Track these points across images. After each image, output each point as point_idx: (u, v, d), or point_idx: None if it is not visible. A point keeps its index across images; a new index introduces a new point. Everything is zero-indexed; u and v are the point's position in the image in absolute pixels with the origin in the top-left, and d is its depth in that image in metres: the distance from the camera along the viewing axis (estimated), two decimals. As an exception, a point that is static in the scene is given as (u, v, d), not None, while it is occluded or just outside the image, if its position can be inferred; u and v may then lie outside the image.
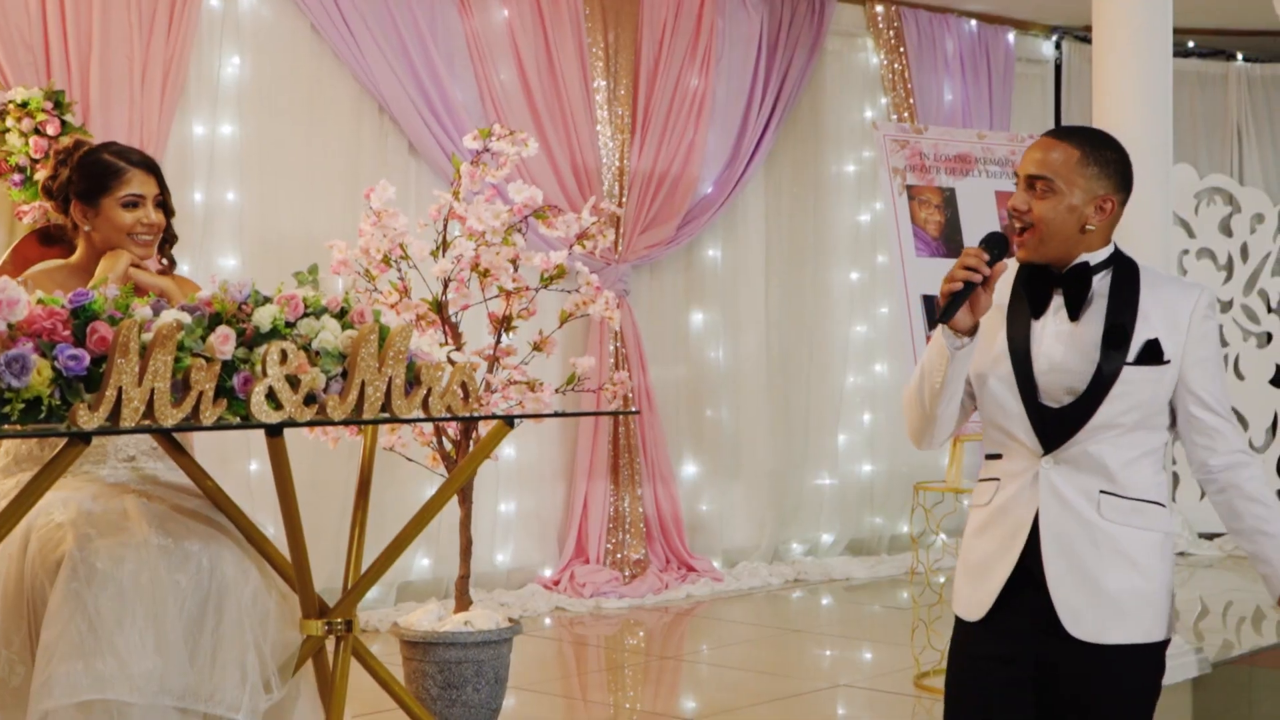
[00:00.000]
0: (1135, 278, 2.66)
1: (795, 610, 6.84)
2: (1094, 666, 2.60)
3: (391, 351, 2.92)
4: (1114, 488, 2.61)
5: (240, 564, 3.15)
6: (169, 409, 2.65)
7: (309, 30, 6.12)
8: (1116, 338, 2.61)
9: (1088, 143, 2.66)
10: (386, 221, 4.21)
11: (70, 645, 2.92)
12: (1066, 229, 2.62)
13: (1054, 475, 2.64)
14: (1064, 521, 2.62)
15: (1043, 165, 2.63)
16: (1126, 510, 2.61)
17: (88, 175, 3.36)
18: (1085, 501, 2.62)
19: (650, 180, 7.00)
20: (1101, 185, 2.63)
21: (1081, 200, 2.62)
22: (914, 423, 2.76)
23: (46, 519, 3.07)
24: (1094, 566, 2.60)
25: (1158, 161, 5.00)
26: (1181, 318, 2.64)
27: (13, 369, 2.52)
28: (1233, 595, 7.09)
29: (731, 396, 7.51)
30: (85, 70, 5.39)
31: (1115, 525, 2.61)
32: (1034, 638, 2.63)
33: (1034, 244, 2.64)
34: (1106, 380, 2.60)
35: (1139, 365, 2.60)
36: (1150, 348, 2.61)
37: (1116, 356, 2.61)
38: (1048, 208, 2.62)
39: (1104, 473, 2.62)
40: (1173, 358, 2.62)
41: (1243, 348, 8.62)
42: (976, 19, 8.23)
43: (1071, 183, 2.62)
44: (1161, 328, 2.63)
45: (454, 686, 4.28)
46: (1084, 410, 2.61)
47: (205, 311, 2.81)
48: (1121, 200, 2.67)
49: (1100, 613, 2.59)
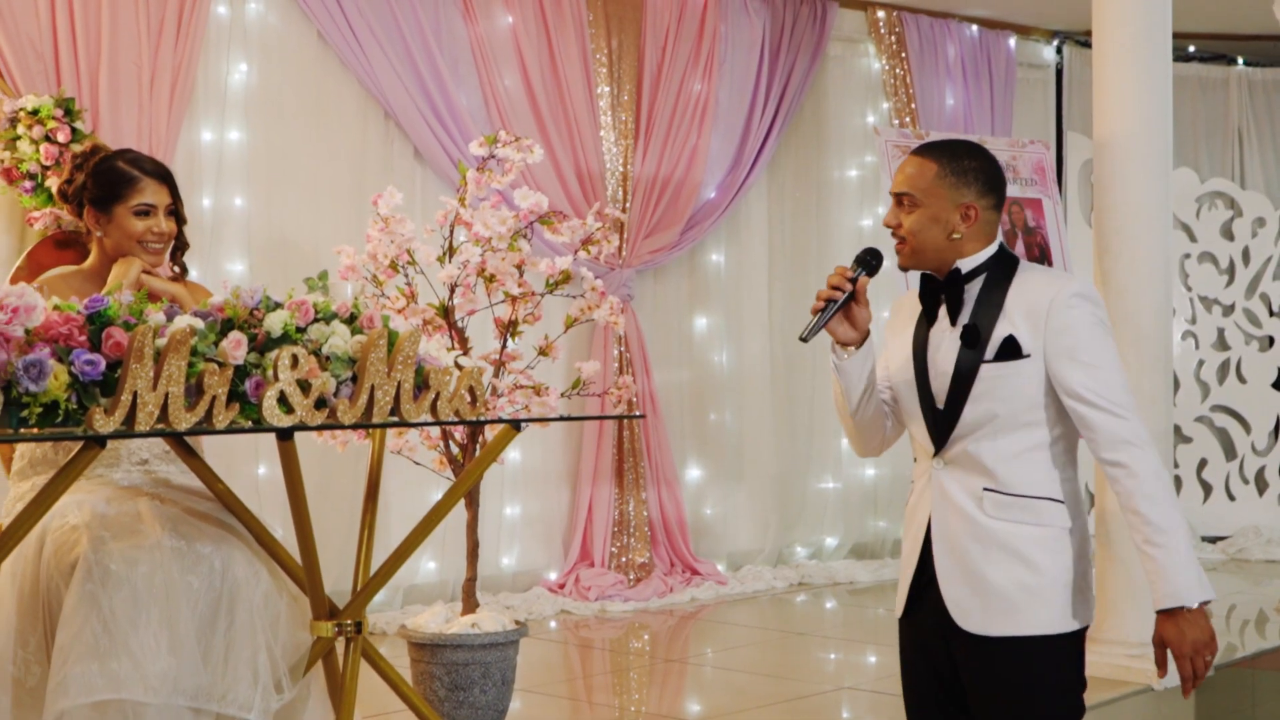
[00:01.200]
0: (1008, 278, 2.73)
1: (799, 613, 6.85)
2: (986, 659, 2.69)
3: (400, 356, 2.96)
4: (997, 485, 2.68)
5: (251, 566, 3.20)
6: (183, 413, 2.70)
7: (315, 37, 6.14)
8: (971, 338, 2.69)
9: (946, 155, 2.76)
10: (394, 227, 4.25)
11: (85, 646, 2.96)
12: (935, 238, 2.74)
13: (943, 476, 2.74)
14: (951, 520, 2.72)
15: (906, 182, 2.76)
16: (1012, 506, 2.67)
17: (102, 183, 3.42)
18: (969, 500, 2.70)
19: (654, 185, 7.02)
20: (963, 194, 2.73)
21: (945, 210, 2.73)
22: (846, 432, 2.91)
23: (61, 522, 3.12)
24: (979, 562, 2.68)
25: (1157, 165, 5.03)
26: (1040, 311, 2.68)
27: (31, 374, 2.57)
28: (1236, 599, 7.07)
29: (735, 400, 7.52)
30: (95, 77, 5.42)
31: (999, 521, 2.67)
32: (939, 633, 2.75)
33: (908, 254, 2.77)
34: (966, 379, 2.69)
35: (998, 362, 2.67)
36: (1008, 344, 2.67)
37: (972, 356, 2.69)
38: (914, 220, 2.75)
39: (985, 471, 2.69)
40: (1032, 352, 2.66)
41: (1244, 351, 8.62)
42: (978, 24, 8.24)
43: (933, 195, 2.73)
44: (1021, 323, 2.68)
45: (461, 688, 4.32)
46: (952, 410, 2.70)
47: (218, 317, 2.85)
48: (986, 205, 2.75)
49: (986, 606, 2.67)
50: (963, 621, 2.70)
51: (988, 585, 2.68)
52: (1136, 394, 4.78)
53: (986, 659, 2.70)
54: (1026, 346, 2.67)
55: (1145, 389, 4.96)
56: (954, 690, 2.79)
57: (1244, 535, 8.34)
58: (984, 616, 2.69)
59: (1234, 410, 8.63)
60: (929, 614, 2.76)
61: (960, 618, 2.70)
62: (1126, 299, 4.98)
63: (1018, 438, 2.69)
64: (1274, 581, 7.31)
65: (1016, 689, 2.69)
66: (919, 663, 2.82)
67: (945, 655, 2.77)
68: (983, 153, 2.81)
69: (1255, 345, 8.62)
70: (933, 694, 2.82)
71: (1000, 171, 2.82)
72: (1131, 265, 4.98)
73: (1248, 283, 8.60)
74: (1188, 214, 8.64)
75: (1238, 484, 8.59)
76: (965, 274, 2.75)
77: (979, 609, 2.69)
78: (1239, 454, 8.60)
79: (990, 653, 2.69)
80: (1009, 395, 2.68)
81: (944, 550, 2.73)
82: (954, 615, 2.71)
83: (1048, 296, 2.68)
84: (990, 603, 2.68)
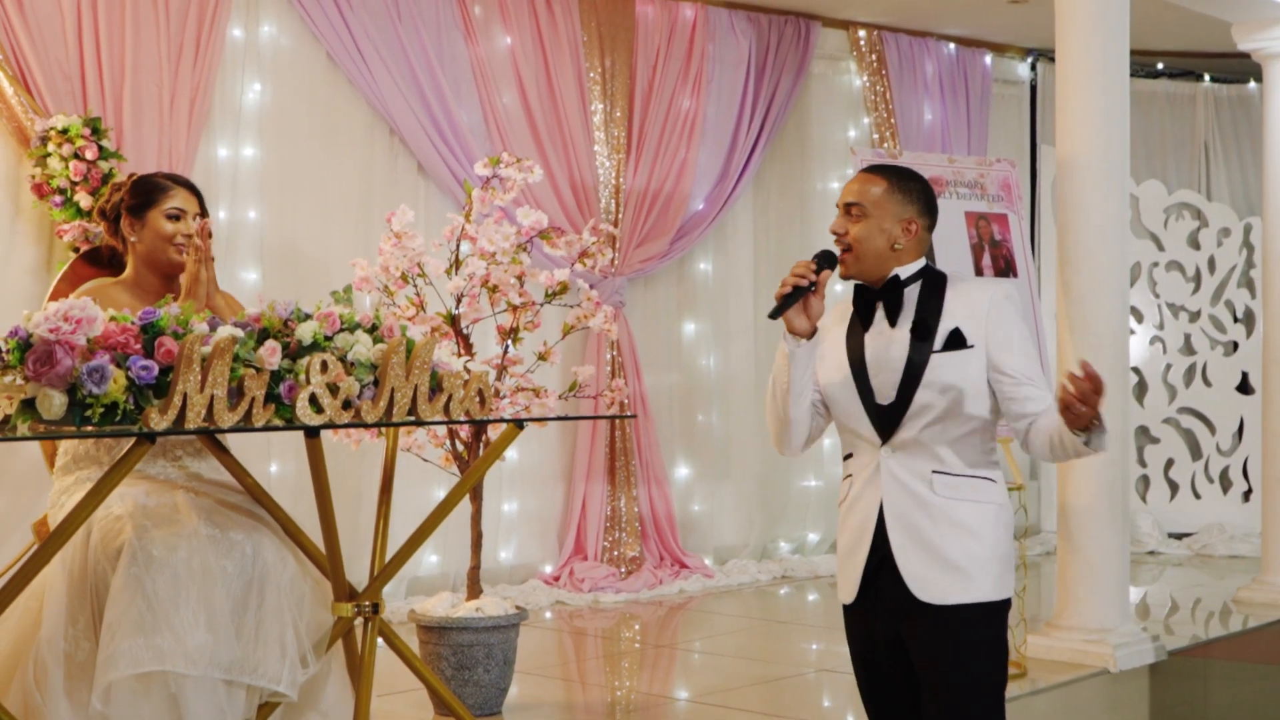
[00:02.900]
0: (942, 284, 3.03)
1: (782, 604, 7.02)
2: (943, 627, 2.93)
3: (417, 362, 3.22)
4: (944, 466, 2.95)
5: (279, 552, 3.41)
6: (226, 413, 2.97)
7: (325, 58, 6.35)
8: (922, 331, 2.97)
9: (894, 176, 3.06)
10: (406, 242, 4.54)
11: (132, 623, 3.17)
12: (878, 247, 3.00)
13: (892, 463, 2.98)
14: (903, 502, 2.95)
15: (857, 194, 3.03)
16: (959, 485, 2.95)
17: (138, 192, 3.69)
18: (920, 482, 2.95)
19: (645, 198, 7.21)
20: (906, 210, 3.02)
21: (889, 222, 3.00)
22: (773, 427, 3.11)
23: (106, 512, 3.33)
24: (933, 537, 2.93)
25: (1116, 182, 5.27)
26: (980, 308, 2.97)
27: (94, 378, 2.86)
28: (1200, 591, 7.29)
29: (722, 402, 7.70)
30: (119, 98, 5.65)
31: (948, 500, 2.94)
32: (893, 614, 2.97)
33: (852, 261, 3.02)
34: (918, 369, 2.96)
35: (946, 352, 2.95)
36: (954, 335, 2.96)
37: (924, 348, 2.97)
38: (861, 229, 3.01)
39: (933, 454, 2.95)
40: (976, 342, 2.95)
41: (1210, 356, 8.85)
42: (955, 42, 8.44)
43: (880, 207, 3.00)
44: (964, 319, 2.97)
45: (466, 668, 4.59)
46: (904, 398, 2.96)
47: (255, 327, 3.11)
48: (924, 225, 3.04)
49: (943, 577, 2.92)
50: (921, 593, 2.92)
51: (944, 558, 2.91)
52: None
53: (940, 627, 2.92)
54: (970, 338, 2.95)
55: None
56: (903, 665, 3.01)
57: (1208, 532, 8.59)
58: (941, 587, 2.92)
59: (1200, 412, 8.88)
60: (885, 593, 2.97)
61: (919, 590, 2.92)
62: (1085, 307, 5.25)
63: (959, 422, 2.95)
64: (1237, 576, 7.51)
65: (965, 652, 2.92)
66: (873, 646, 3.03)
67: (895, 633, 2.98)
68: (922, 179, 3.09)
69: (1220, 350, 8.87)
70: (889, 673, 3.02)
71: (935, 197, 3.10)
72: (1091, 277, 5.25)
73: (1213, 290, 8.86)
74: (1156, 224, 8.87)
75: (1203, 483, 8.83)
76: (904, 280, 3.01)
77: (936, 580, 2.92)
78: (1204, 454, 8.84)
79: (944, 620, 2.92)
80: (955, 382, 2.94)
81: (899, 530, 2.95)
82: (912, 588, 2.92)
83: (986, 297, 2.99)
84: (946, 574, 2.91)
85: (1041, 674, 5.14)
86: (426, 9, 6.60)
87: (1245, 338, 8.79)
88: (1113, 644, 5.23)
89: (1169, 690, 5.52)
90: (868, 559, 3.00)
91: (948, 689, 2.94)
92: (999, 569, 2.95)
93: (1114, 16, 5.31)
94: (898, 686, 3.04)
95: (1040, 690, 5.01)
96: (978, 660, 2.95)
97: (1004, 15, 7.92)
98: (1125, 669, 5.24)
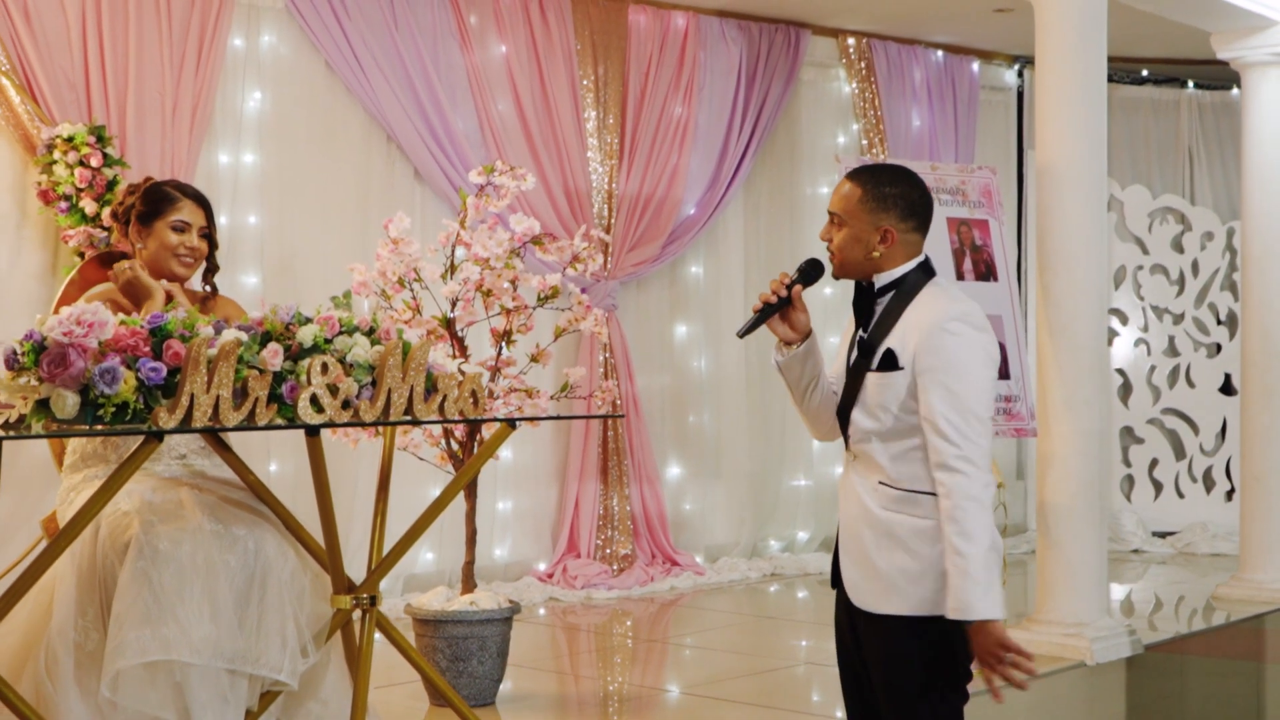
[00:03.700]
0: (912, 295, 2.92)
1: (772, 601, 7.13)
2: (875, 634, 2.94)
3: (413, 364, 3.33)
4: (887, 479, 2.91)
5: (280, 546, 3.51)
6: (231, 412, 3.08)
7: (323, 67, 6.47)
8: (864, 348, 2.94)
9: (871, 181, 2.95)
10: (402, 248, 4.67)
11: (139, 614, 3.28)
12: (856, 255, 2.94)
13: (850, 470, 3.01)
14: (852, 509, 2.97)
15: (836, 203, 2.97)
16: (898, 499, 2.90)
17: (148, 201, 3.82)
18: (867, 492, 2.94)
19: (637, 203, 7.32)
20: (882, 219, 2.92)
21: (865, 231, 2.93)
22: (803, 420, 3.15)
23: (114, 508, 3.43)
24: (870, 548, 2.92)
25: (1093, 190, 5.41)
26: (922, 330, 2.85)
27: (105, 379, 2.98)
28: (1183, 589, 7.42)
29: (713, 403, 7.81)
30: (123, 106, 5.77)
31: (888, 513, 2.91)
32: (846, 608, 3.01)
33: (837, 266, 2.99)
34: (855, 385, 2.95)
35: (878, 371, 2.90)
36: (887, 356, 2.89)
37: (863, 364, 2.93)
38: (840, 238, 2.95)
39: (877, 468, 2.93)
40: (905, 365, 2.86)
41: (1194, 357, 8.97)
42: (943, 49, 8.55)
43: (855, 217, 2.94)
44: (902, 339, 2.88)
45: (461, 659, 4.72)
46: (845, 411, 2.98)
47: (258, 330, 3.22)
48: (905, 230, 2.93)
49: (875, 587, 2.91)
50: (856, 599, 2.95)
51: (875, 569, 2.90)
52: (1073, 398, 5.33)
53: (875, 634, 2.94)
54: (901, 359, 2.87)
55: (1081, 393, 5.39)
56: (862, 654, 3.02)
57: (1192, 530, 8.71)
58: (872, 596, 2.91)
59: (1183, 413, 9.00)
60: (841, 590, 3.02)
61: (854, 596, 2.95)
62: (1064, 312, 5.40)
63: (901, 440, 2.89)
64: (1219, 573, 7.62)
65: (894, 662, 2.91)
66: (839, 632, 3.08)
67: (854, 628, 3.01)
68: (906, 179, 2.95)
69: (1204, 352, 8.99)
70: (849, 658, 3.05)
71: (923, 197, 2.96)
72: (1070, 281, 5.39)
73: (1197, 293, 8.98)
74: (1140, 228, 8.99)
75: (1186, 482, 8.95)
76: (877, 289, 2.95)
77: (868, 589, 2.92)
78: (1188, 454, 8.96)
79: (877, 628, 2.93)
80: (888, 402, 2.88)
81: (846, 535, 2.98)
82: (849, 593, 2.96)
83: (932, 317, 2.86)
84: (876, 584, 2.90)
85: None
86: (423, 18, 6.71)
87: (1228, 340, 8.89)
88: (1090, 638, 5.36)
89: (1145, 684, 5.63)
90: (834, 554, 3.06)
91: (886, 692, 2.94)
92: (935, 585, 2.85)
93: (1092, 27, 5.44)
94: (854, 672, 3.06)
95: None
96: (909, 671, 2.91)
97: (991, 24, 8.03)
98: (1102, 662, 5.37)
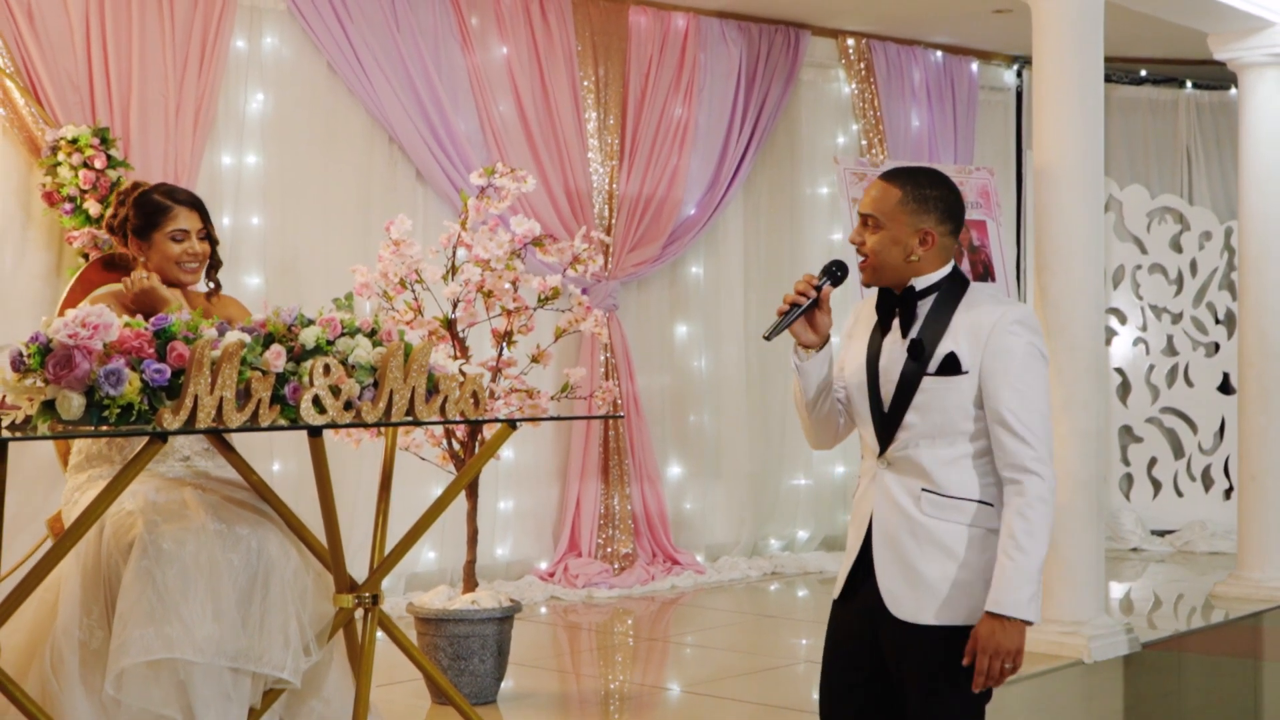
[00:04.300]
0: (957, 299, 2.90)
1: (772, 600, 7.15)
2: (914, 645, 2.85)
3: (415, 365, 3.36)
4: (933, 486, 2.85)
5: (283, 546, 3.55)
6: (234, 413, 3.12)
7: (325, 68, 6.49)
8: (916, 351, 2.87)
9: (911, 183, 2.90)
10: (404, 250, 4.71)
11: (143, 613, 3.31)
12: (894, 259, 2.90)
13: (886, 475, 2.91)
14: (890, 516, 2.88)
15: (871, 205, 2.91)
16: (945, 506, 2.84)
17: (141, 214, 3.82)
18: (908, 498, 2.86)
19: (638, 203, 7.34)
20: (923, 221, 2.89)
21: (905, 234, 2.89)
22: (803, 428, 3.12)
23: (118, 508, 3.47)
24: (913, 555, 2.84)
25: (1090, 191, 5.43)
26: (983, 333, 2.82)
27: (110, 380, 3.01)
28: (1181, 587, 7.44)
29: (713, 403, 7.83)
30: (126, 108, 5.80)
31: (934, 520, 2.84)
32: (871, 620, 2.91)
33: (869, 271, 2.93)
34: (907, 389, 2.87)
35: (939, 375, 2.83)
36: (949, 359, 2.83)
37: (916, 368, 2.86)
38: (876, 241, 2.90)
39: (922, 473, 2.85)
40: (970, 369, 2.81)
41: (1192, 357, 9.00)
42: (942, 50, 8.57)
43: (895, 219, 2.89)
44: (964, 342, 2.83)
45: (462, 658, 4.75)
46: (895, 416, 2.89)
47: (261, 332, 3.26)
48: (944, 233, 2.90)
49: (917, 596, 2.84)
50: (894, 608, 2.85)
51: (919, 577, 2.83)
52: (1071, 398, 5.36)
53: (915, 645, 2.85)
54: (965, 363, 2.82)
55: (1079, 394, 5.42)
56: (878, 675, 2.93)
57: (1190, 529, 8.74)
58: (915, 605, 2.84)
59: (1182, 412, 9.03)
60: (864, 601, 2.91)
61: (892, 605, 2.85)
62: (1062, 312, 5.43)
63: (952, 445, 2.83)
64: (1217, 572, 7.64)
65: (939, 673, 2.83)
66: (845, 645, 2.97)
67: (873, 641, 2.91)
68: (945, 182, 2.93)
69: (1202, 351, 9.02)
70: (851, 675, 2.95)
71: (959, 200, 2.94)
72: (1067, 281, 5.42)
73: (1195, 292, 9.01)
74: (1139, 228, 9.03)
75: (1185, 481, 8.98)
76: (919, 291, 2.89)
77: (910, 598, 2.84)
78: (1186, 453, 8.99)
79: (919, 639, 2.84)
80: (946, 407, 2.83)
81: (883, 543, 2.88)
82: (887, 603, 2.86)
83: (992, 320, 2.82)
84: (921, 593, 2.83)
85: (1018, 665, 5.29)
86: (425, 20, 6.74)
87: (1226, 339, 8.91)
88: (1087, 636, 5.39)
89: (1143, 682, 5.65)
90: (855, 564, 2.97)
91: (927, 702, 2.88)
92: (985, 594, 2.81)
93: (1089, 27, 5.47)
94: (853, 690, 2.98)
95: (1015, 680, 5.14)
96: (947, 684, 2.86)
97: (990, 24, 8.05)
98: (1099, 660, 5.40)
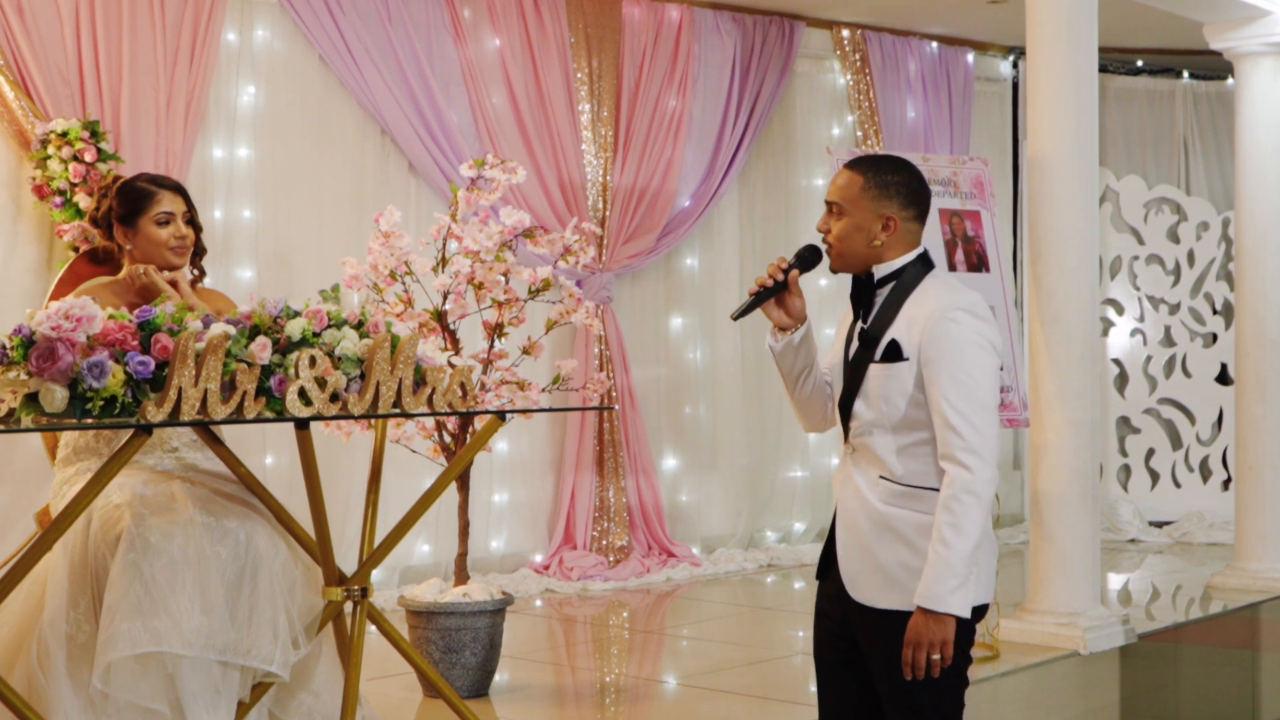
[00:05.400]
0: (912, 287, 2.92)
1: (768, 592, 7.15)
2: (874, 629, 2.92)
3: (402, 357, 3.36)
4: (889, 475, 2.90)
5: (271, 539, 3.55)
6: (219, 405, 3.11)
7: (317, 61, 6.48)
8: (865, 339, 2.93)
9: (873, 170, 2.95)
10: (393, 242, 4.69)
11: (130, 606, 3.31)
12: (858, 245, 2.94)
13: (849, 463, 2.98)
14: (852, 503, 2.94)
15: (835, 192, 2.95)
16: (902, 495, 2.89)
17: (125, 201, 3.82)
18: (867, 486, 2.92)
19: (632, 195, 7.34)
20: (885, 207, 2.93)
21: (868, 220, 2.93)
22: (794, 411, 3.14)
23: (105, 501, 3.46)
24: (871, 542, 2.90)
25: (1084, 181, 5.42)
26: (923, 320, 2.85)
27: (94, 373, 3.01)
28: (1179, 578, 7.44)
29: (709, 395, 7.83)
30: (116, 101, 5.79)
31: (890, 508, 2.89)
32: (840, 601, 2.97)
33: (835, 257, 2.98)
34: (856, 377, 2.93)
35: (882, 363, 2.89)
36: (891, 346, 2.88)
37: (865, 356, 2.92)
38: (840, 227, 2.95)
39: (879, 462, 2.91)
40: (910, 356, 2.86)
41: (1190, 347, 9.00)
42: (937, 40, 8.56)
43: (857, 206, 2.93)
44: (906, 330, 2.87)
45: (454, 651, 4.75)
46: (846, 403, 2.96)
47: (246, 324, 3.25)
48: (907, 218, 2.94)
49: (875, 581, 2.90)
50: (853, 592, 2.92)
51: (876, 563, 2.89)
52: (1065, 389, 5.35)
53: (875, 628, 2.92)
54: (906, 350, 2.86)
55: (1073, 384, 5.41)
56: (855, 651, 3.00)
57: (1188, 520, 8.75)
58: (871, 590, 2.90)
59: (1180, 403, 9.03)
60: (832, 582, 2.99)
61: (852, 589, 2.93)
62: (1056, 302, 5.42)
63: (904, 434, 2.88)
64: (1215, 563, 7.65)
65: (896, 656, 2.87)
66: (824, 622, 3.06)
67: (843, 620, 2.98)
68: (907, 168, 2.96)
69: (1200, 342, 9.02)
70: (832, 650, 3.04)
71: (923, 185, 2.97)
72: (1061, 272, 5.41)
73: (1193, 283, 9.01)
74: (1136, 218, 9.02)
75: (1183, 472, 8.98)
76: (877, 280, 2.94)
77: (869, 583, 2.90)
78: (1184, 444, 8.99)
79: (877, 622, 2.91)
80: (892, 394, 2.87)
81: (844, 528, 2.95)
82: (847, 586, 2.93)
83: (934, 307, 2.86)
84: (878, 579, 2.89)
85: (1013, 656, 5.29)
86: (417, 12, 6.73)
87: (1224, 329, 8.91)
88: (1083, 627, 5.38)
89: (1139, 673, 5.66)
90: (825, 546, 3.04)
91: (890, 687, 2.92)
92: None
93: (1082, 17, 5.45)
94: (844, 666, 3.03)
95: (1011, 671, 5.16)
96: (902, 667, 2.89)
97: (985, 14, 8.04)
98: (1095, 651, 5.39)
